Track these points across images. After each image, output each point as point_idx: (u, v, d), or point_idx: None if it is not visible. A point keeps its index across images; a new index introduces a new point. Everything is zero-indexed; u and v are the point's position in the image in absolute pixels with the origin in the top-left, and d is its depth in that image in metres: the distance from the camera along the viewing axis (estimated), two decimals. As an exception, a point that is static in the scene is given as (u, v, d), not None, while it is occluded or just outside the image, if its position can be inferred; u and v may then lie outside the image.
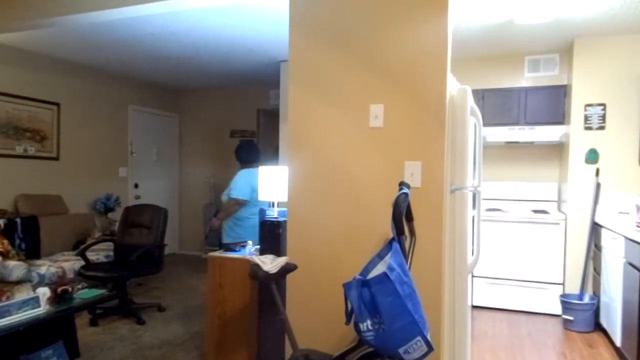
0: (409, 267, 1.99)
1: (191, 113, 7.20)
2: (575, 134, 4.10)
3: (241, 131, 6.87)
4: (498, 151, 4.81)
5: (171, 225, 6.69)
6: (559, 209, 4.50)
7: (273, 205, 2.86)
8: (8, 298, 2.58)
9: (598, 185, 4.03)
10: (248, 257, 2.66)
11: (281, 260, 2.17)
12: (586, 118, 4.07)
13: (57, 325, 2.88)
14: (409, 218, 2.00)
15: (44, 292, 2.63)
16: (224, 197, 3.73)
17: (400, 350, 1.51)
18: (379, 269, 1.73)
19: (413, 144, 2.17)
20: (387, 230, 2.21)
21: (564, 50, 4.45)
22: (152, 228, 4.33)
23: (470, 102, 2.30)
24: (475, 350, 3.31)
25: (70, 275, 4.17)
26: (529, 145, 4.68)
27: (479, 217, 2.78)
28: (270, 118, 6.64)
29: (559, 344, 3.47)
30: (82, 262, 4.18)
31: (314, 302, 2.36)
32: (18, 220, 4.42)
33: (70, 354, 2.90)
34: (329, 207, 2.33)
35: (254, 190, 3.57)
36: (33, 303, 2.51)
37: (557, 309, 4.09)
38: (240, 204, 3.59)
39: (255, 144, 3.90)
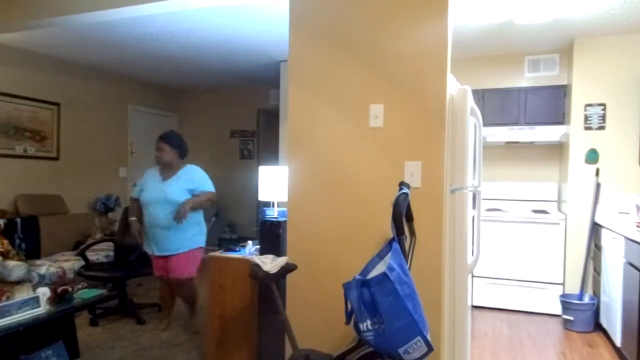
0: (409, 267, 1.99)
1: (191, 113, 7.20)
2: (575, 134, 4.10)
3: (241, 131, 6.87)
4: (498, 151, 4.81)
5: (171, 225, 6.68)
6: (559, 209, 4.50)
7: (274, 206, 2.85)
8: (8, 298, 2.58)
9: (598, 185, 4.03)
10: (248, 257, 2.67)
11: (281, 260, 2.17)
12: (586, 118, 4.07)
13: (57, 325, 2.88)
14: (409, 218, 2.00)
15: (44, 292, 2.62)
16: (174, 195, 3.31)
17: (400, 350, 1.51)
18: (379, 269, 1.74)
19: (413, 144, 2.17)
20: (387, 230, 2.20)
21: (564, 50, 4.45)
22: (152, 228, 4.32)
23: (470, 102, 2.30)
24: (475, 350, 3.31)
25: (70, 275, 4.17)
26: (529, 145, 4.68)
27: (479, 217, 2.78)
28: (270, 118, 6.64)
29: (559, 344, 3.47)
30: (82, 262, 4.17)
31: (314, 302, 2.36)
32: (18, 220, 4.42)
33: (70, 354, 2.90)
34: (329, 207, 2.33)
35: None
36: (33, 303, 2.51)
37: (557, 309, 4.09)
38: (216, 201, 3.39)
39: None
